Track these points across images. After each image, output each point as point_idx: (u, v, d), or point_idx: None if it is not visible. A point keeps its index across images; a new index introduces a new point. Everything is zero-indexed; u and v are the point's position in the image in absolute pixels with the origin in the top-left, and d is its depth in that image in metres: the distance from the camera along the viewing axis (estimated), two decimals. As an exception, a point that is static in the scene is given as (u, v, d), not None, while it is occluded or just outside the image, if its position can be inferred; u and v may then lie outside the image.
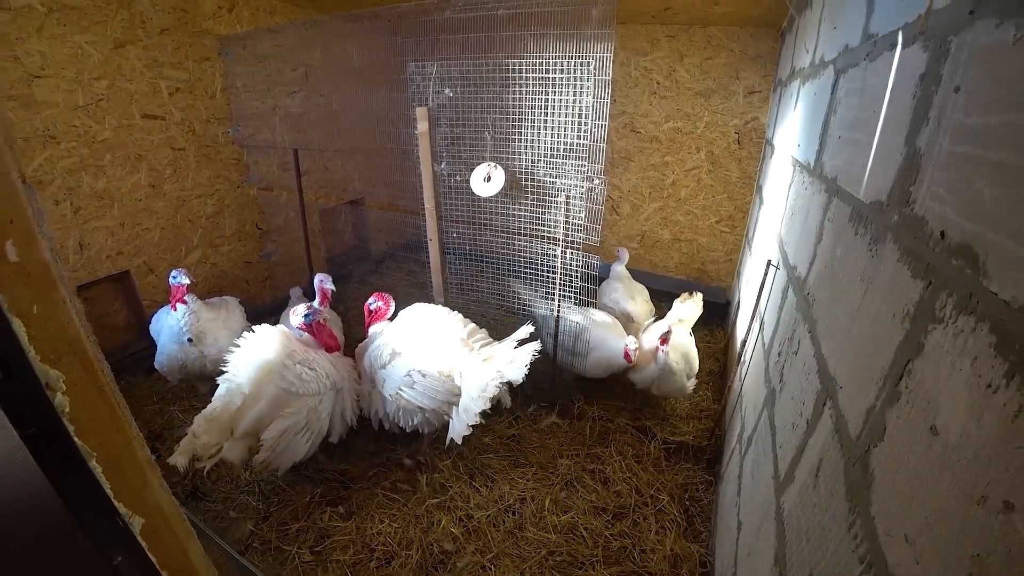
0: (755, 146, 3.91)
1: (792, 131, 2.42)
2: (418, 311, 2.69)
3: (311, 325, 2.58)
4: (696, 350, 2.94)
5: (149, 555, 1.25)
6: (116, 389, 1.17)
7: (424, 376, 2.41)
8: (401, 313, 2.73)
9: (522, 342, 2.40)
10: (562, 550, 2.19)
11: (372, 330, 2.72)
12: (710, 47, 3.83)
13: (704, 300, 3.30)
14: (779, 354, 1.76)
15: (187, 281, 2.76)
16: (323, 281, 3.05)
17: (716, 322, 4.05)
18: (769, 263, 2.19)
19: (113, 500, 1.14)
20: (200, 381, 3.01)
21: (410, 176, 3.00)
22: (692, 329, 3.09)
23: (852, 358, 1.03)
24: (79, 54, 2.86)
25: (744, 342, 2.54)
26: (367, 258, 5.03)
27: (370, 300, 2.77)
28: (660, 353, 2.67)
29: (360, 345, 2.74)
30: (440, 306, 2.74)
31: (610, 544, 2.22)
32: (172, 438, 2.84)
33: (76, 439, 1.04)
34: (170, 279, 2.76)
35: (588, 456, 2.70)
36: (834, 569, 0.89)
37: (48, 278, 0.98)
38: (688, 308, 3.17)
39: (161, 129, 3.35)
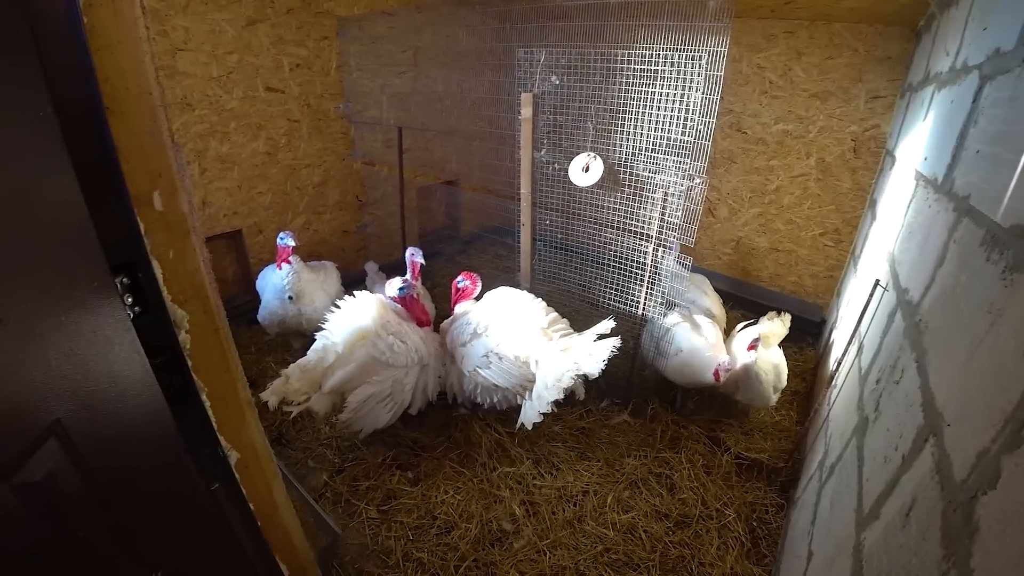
0: (873, 156, 3.60)
1: (919, 142, 2.22)
2: (503, 295, 2.73)
3: (405, 298, 2.64)
4: (786, 364, 2.80)
5: (241, 487, 1.39)
6: (229, 334, 1.29)
7: (500, 359, 2.46)
8: (487, 295, 2.78)
9: (602, 336, 2.39)
10: (619, 549, 2.17)
11: (457, 309, 2.79)
12: (832, 46, 3.56)
13: (795, 316, 3.11)
14: (877, 381, 1.64)
15: (293, 243, 2.97)
16: (414, 254, 3.12)
17: (807, 341, 3.81)
18: (877, 283, 2.03)
19: (217, 433, 1.28)
20: (294, 337, 3.24)
21: (506, 161, 3.04)
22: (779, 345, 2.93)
23: (966, 394, 0.94)
24: (216, 30, 3.13)
25: (838, 364, 2.38)
26: (457, 238, 5.16)
27: (458, 278, 2.84)
28: (748, 355, 2.57)
29: (445, 322, 2.83)
30: (525, 292, 2.77)
31: (668, 551, 2.18)
32: (265, 386, 3.09)
33: (193, 374, 1.18)
34: (278, 240, 2.99)
35: (656, 459, 2.65)
36: (920, 614, 0.83)
37: (184, 227, 1.11)
38: (775, 326, 3.01)
39: (280, 102, 3.61)
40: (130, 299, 0.99)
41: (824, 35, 3.57)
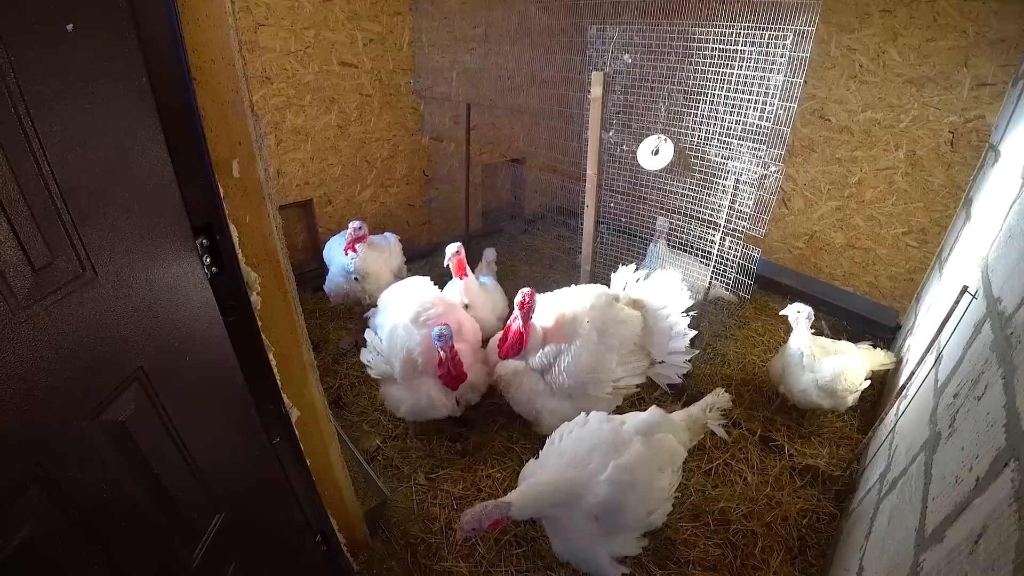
0: (973, 150, 3.29)
1: (1029, 137, 2.02)
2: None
3: (445, 347, 2.27)
4: (856, 378, 2.62)
5: (300, 443, 1.48)
6: (297, 298, 1.36)
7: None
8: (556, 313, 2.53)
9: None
10: (659, 539, 2.16)
11: (533, 338, 2.46)
12: (935, 26, 3.25)
13: (867, 319, 2.91)
14: (955, 395, 1.53)
15: (361, 234, 3.07)
16: (458, 252, 2.87)
17: (880, 347, 3.59)
18: (964, 289, 1.88)
19: (281, 390, 1.35)
20: (357, 306, 3.37)
21: (573, 140, 2.99)
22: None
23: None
24: (295, 6, 3.23)
25: (912, 375, 2.23)
26: (520, 216, 5.16)
27: (521, 299, 2.40)
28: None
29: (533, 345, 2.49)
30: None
31: (708, 548, 2.15)
32: (327, 351, 3.25)
33: (262, 334, 1.25)
34: (350, 227, 3.06)
35: (704, 455, 2.59)
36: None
37: (259, 194, 1.16)
38: (868, 356, 2.83)
39: (353, 76, 3.69)
40: (208, 260, 1.05)
41: (927, 14, 3.27)
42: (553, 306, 2.49)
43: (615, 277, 2.82)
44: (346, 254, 3.09)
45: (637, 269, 2.73)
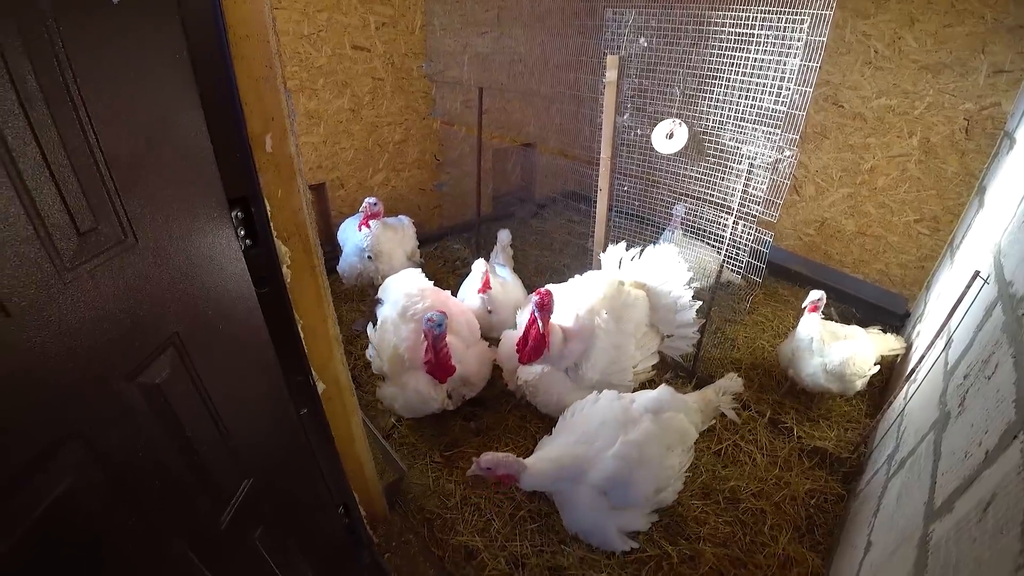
0: (988, 138, 3.28)
1: (1047, 124, 2.01)
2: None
3: (429, 334, 2.23)
4: (864, 363, 2.64)
5: (326, 416, 1.52)
6: (324, 272, 1.40)
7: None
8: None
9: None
10: (670, 516, 2.20)
11: (554, 338, 2.41)
12: (953, 12, 3.22)
13: (876, 307, 2.92)
14: (965, 376, 1.56)
15: (375, 210, 3.10)
16: (490, 268, 2.93)
17: (890, 333, 3.60)
18: (976, 275, 1.89)
19: (308, 362, 1.39)
20: (371, 287, 3.40)
21: (585, 124, 3.00)
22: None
23: (1068, 391, 0.90)
24: (330, -13, 3.23)
25: (921, 359, 2.25)
26: (530, 200, 5.17)
27: (537, 300, 2.32)
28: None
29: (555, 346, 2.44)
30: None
31: (718, 526, 2.19)
32: (340, 332, 3.28)
33: (292, 307, 1.29)
34: (364, 204, 3.10)
35: (714, 436, 2.63)
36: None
37: (290, 169, 1.19)
38: (877, 341, 2.85)
39: (366, 60, 3.70)
40: (242, 232, 1.08)
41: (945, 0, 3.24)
42: (566, 302, 2.48)
43: (604, 257, 2.83)
44: (360, 230, 3.12)
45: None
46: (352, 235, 3.19)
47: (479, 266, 2.91)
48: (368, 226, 3.11)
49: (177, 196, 0.92)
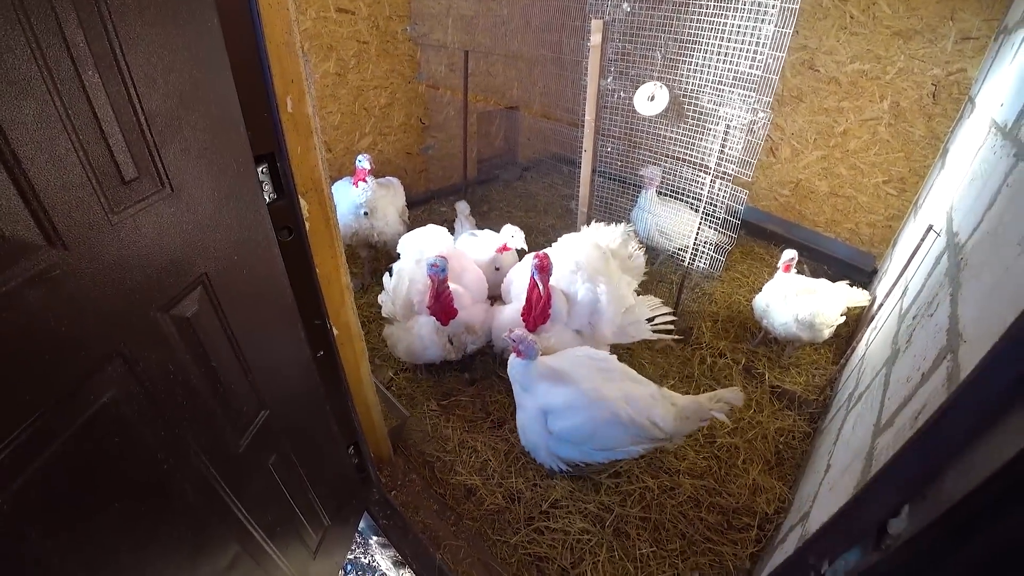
0: (954, 103, 3.43)
1: (1000, 88, 2.16)
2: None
3: (434, 278, 2.36)
4: (831, 313, 2.83)
5: (340, 359, 1.65)
6: (338, 225, 1.51)
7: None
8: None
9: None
10: (650, 455, 2.39)
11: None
12: (925, -22, 3.34)
13: (847, 264, 3.10)
14: (914, 317, 1.74)
15: (369, 166, 3.17)
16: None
17: (857, 287, 3.81)
18: (930, 228, 2.07)
19: (326, 308, 1.51)
20: (362, 248, 3.50)
21: (568, 87, 3.08)
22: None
23: (984, 315, 1.06)
24: (293, -53, 3.21)
25: (879, 308, 2.45)
26: (514, 163, 5.25)
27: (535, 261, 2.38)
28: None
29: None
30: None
31: (697, 460, 2.40)
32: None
33: (312, 255, 1.40)
34: (356, 162, 3.17)
35: (694, 383, 2.82)
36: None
37: (308, 128, 1.30)
38: (844, 293, 3.02)
39: (350, 23, 3.69)
40: (268, 186, 1.19)
41: (918, -34, 3.35)
42: (559, 265, 2.57)
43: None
44: (356, 186, 3.21)
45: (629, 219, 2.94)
46: (345, 196, 3.26)
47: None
48: (365, 181, 3.19)
49: (208, 151, 1.02)
